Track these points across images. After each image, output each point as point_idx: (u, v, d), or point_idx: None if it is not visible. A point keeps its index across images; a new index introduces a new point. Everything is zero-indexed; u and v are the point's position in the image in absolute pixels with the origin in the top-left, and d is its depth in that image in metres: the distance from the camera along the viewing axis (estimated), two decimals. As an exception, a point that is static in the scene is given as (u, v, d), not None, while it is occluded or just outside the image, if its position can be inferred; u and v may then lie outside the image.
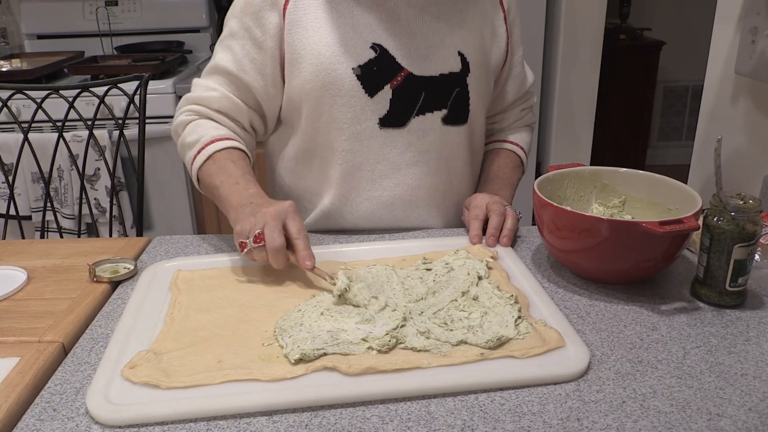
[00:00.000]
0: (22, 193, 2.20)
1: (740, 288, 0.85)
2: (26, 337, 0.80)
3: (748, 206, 0.81)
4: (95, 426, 0.65)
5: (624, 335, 0.79)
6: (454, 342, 0.75)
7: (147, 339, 0.78)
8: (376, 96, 1.04)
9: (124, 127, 1.60)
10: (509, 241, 1.03)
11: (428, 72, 1.06)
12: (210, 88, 1.08)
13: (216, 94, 1.07)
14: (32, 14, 2.73)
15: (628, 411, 0.66)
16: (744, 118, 1.37)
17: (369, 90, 1.04)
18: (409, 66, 1.05)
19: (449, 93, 1.08)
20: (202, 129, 1.05)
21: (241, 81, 1.07)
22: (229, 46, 1.07)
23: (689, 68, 3.95)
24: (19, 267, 0.97)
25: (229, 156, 1.02)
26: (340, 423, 0.65)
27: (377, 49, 1.03)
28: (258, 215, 0.90)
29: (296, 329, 0.77)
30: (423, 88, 1.06)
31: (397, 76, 1.04)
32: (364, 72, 1.03)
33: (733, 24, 1.37)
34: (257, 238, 0.87)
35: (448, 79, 1.07)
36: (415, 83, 1.05)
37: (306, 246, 0.89)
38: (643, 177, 1.01)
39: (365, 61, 1.03)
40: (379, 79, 1.04)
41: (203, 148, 1.03)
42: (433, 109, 1.08)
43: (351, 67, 1.03)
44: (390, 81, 1.04)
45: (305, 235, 0.90)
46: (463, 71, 1.08)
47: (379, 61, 1.03)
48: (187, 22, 2.78)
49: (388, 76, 1.04)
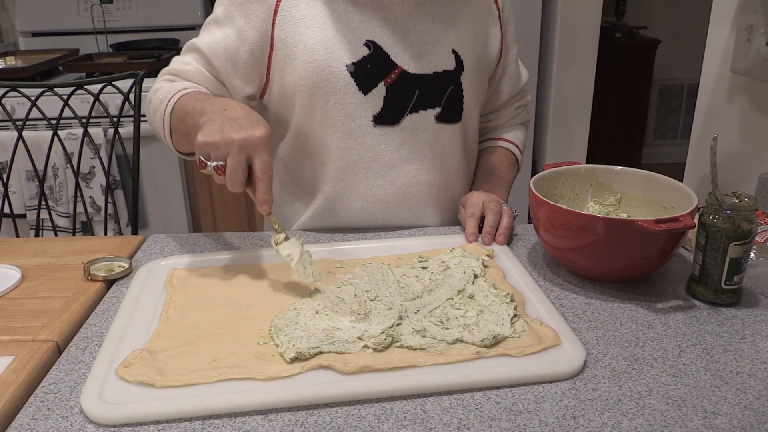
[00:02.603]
0: (17, 192, 2.19)
1: (736, 286, 0.85)
2: (20, 336, 0.79)
3: (743, 204, 0.81)
4: (90, 425, 0.65)
5: (620, 333, 0.79)
6: (450, 340, 0.75)
7: (142, 338, 0.78)
8: (370, 93, 1.04)
9: (119, 125, 1.59)
10: (505, 239, 1.03)
11: (422, 70, 1.06)
12: (185, 63, 1.09)
13: (191, 68, 1.08)
14: (27, 12, 2.72)
15: (623, 409, 0.66)
16: (739, 117, 1.37)
17: (363, 87, 1.04)
18: (403, 63, 1.05)
19: (443, 91, 1.08)
20: (173, 85, 1.04)
21: (211, 63, 1.07)
22: (210, 31, 1.08)
23: (685, 66, 3.96)
24: (14, 265, 0.97)
25: (203, 92, 1.02)
26: (336, 422, 0.65)
27: (371, 46, 1.03)
28: (225, 136, 0.82)
29: (292, 328, 0.77)
30: (417, 85, 1.06)
31: (390, 73, 1.04)
32: (358, 69, 1.03)
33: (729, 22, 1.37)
34: (218, 169, 0.83)
35: (441, 77, 1.07)
36: (408, 81, 1.05)
37: (267, 189, 0.84)
38: (639, 175, 1.01)
39: (359, 59, 1.03)
40: (373, 77, 1.04)
41: (174, 94, 1.01)
42: (427, 107, 1.07)
43: (345, 64, 1.02)
44: (384, 78, 1.04)
45: (269, 176, 0.84)
46: (457, 69, 1.08)
47: (373, 59, 1.03)
48: (182, 20, 2.77)
49: (382, 73, 1.04)
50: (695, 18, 3.75)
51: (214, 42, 1.07)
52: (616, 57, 3.51)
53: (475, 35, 1.11)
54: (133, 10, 2.73)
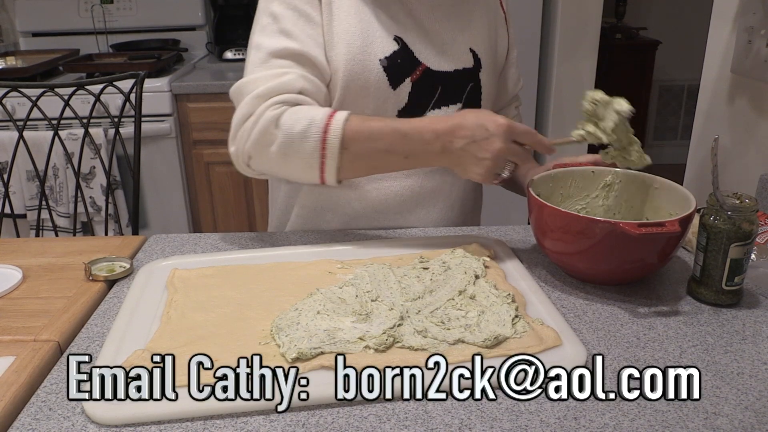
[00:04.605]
0: (17, 192, 2.19)
1: (736, 287, 0.85)
2: (21, 336, 0.79)
3: (744, 205, 0.81)
4: (91, 425, 0.65)
5: (621, 334, 0.80)
6: (451, 341, 0.75)
7: (143, 338, 0.78)
8: (398, 89, 1.05)
9: (119, 126, 1.59)
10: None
11: (444, 67, 1.08)
12: (278, 74, 0.97)
13: (291, 77, 0.96)
14: (27, 12, 2.72)
15: (625, 410, 0.66)
16: (740, 118, 1.38)
17: (393, 82, 1.04)
18: (426, 61, 1.06)
19: (464, 88, 1.10)
20: (306, 112, 0.94)
21: (306, 57, 0.99)
22: (281, 30, 0.99)
23: (685, 67, 3.96)
24: (14, 265, 0.97)
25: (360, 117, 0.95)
26: (338, 422, 0.65)
27: (399, 42, 1.04)
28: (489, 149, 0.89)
29: (293, 328, 0.77)
30: (439, 82, 1.08)
31: (416, 70, 1.05)
32: (390, 64, 1.03)
33: (730, 23, 1.37)
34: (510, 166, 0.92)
35: (462, 74, 1.09)
36: (432, 77, 1.07)
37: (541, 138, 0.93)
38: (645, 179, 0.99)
39: (390, 53, 1.04)
40: (402, 72, 1.05)
41: (327, 123, 0.93)
42: (449, 104, 1.09)
43: (378, 59, 1.03)
44: (410, 74, 1.05)
45: (534, 132, 0.93)
46: (476, 66, 1.11)
47: (401, 54, 1.04)
48: (182, 20, 2.77)
49: (408, 69, 1.05)
50: (695, 19, 3.76)
51: (296, 36, 0.98)
52: (616, 58, 3.52)
53: (488, 36, 1.14)
54: (134, 11, 2.73)
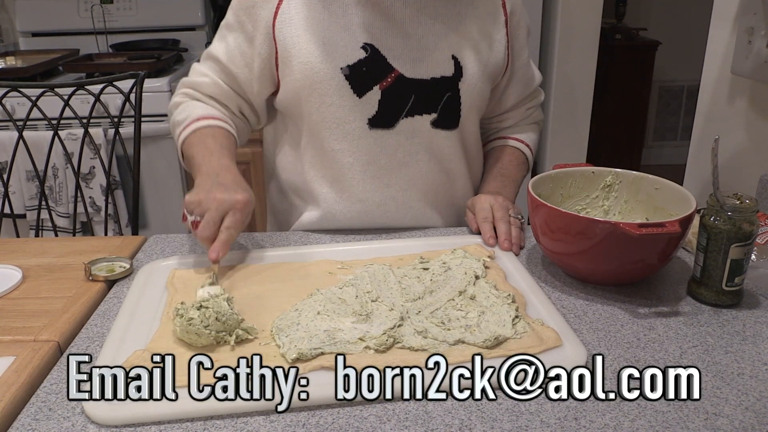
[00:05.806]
0: (17, 192, 2.19)
1: (737, 288, 0.85)
2: (21, 336, 0.79)
3: (744, 206, 0.81)
4: (91, 425, 0.65)
5: (621, 335, 0.80)
6: (452, 341, 0.75)
7: (143, 338, 0.78)
8: (365, 96, 1.04)
9: (119, 126, 1.59)
10: (518, 248, 1.02)
11: (420, 75, 1.06)
12: (202, 74, 1.13)
13: (207, 80, 1.12)
14: (27, 12, 2.72)
15: (625, 410, 0.66)
16: (740, 118, 1.37)
17: (357, 90, 1.04)
18: (401, 67, 1.05)
19: (440, 97, 1.08)
20: (191, 108, 1.11)
21: (229, 71, 1.11)
22: (224, 36, 1.11)
23: (685, 68, 3.96)
24: (14, 266, 0.97)
25: (211, 132, 1.07)
26: (338, 422, 0.65)
27: (368, 49, 1.03)
28: (209, 196, 0.92)
29: (293, 329, 0.77)
30: (413, 90, 1.06)
31: (387, 77, 1.04)
32: (353, 72, 1.03)
33: (730, 24, 1.37)
34: (195, 224, 0.92)
35: (439, 83, 1.07)
36: (405, 85, 1.05)
37: (225, 241, 0.90)
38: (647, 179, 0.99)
39: (355, 61, 1.03)
40: (368, 80, 1.04)
41: (189, 124, 1.08)
42: (423, 112, 1.07)
43: (339, 67, 1.03)
44: (379, 82, 1.04)
45: (231, 233, 0.91)
46: (455, 76, 1.07)
47: (369, 62, 1.04)
48: (182, 20, 2.77)
49: (377, 76, 1.04)
50: (695, 19, 3.76)
51: (229, 49, 1.10)
52: (616, 58, 3.52)
53: (476, 43, 1.09)
54: (134, 11, 2.73)
